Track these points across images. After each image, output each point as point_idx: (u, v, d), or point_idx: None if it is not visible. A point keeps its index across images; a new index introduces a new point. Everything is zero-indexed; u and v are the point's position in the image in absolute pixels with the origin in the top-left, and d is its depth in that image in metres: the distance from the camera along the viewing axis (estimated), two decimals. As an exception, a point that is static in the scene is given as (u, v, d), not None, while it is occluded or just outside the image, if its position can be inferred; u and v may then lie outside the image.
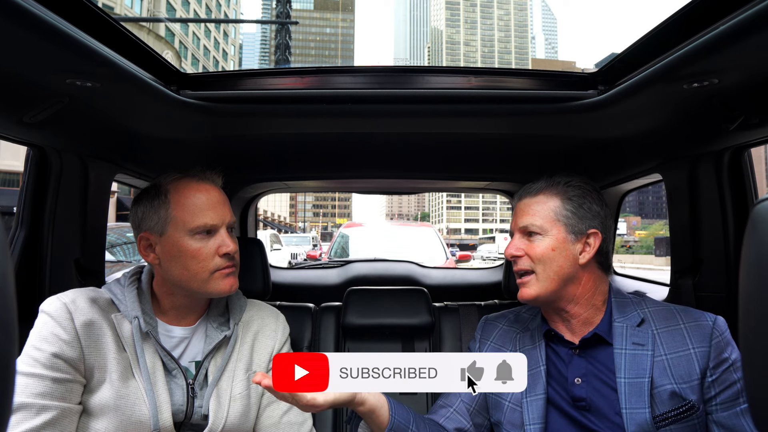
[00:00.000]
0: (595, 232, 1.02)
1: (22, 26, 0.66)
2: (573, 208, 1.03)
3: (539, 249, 1.02)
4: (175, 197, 1.03)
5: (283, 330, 1.20)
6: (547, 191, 1.06)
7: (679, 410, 0.92)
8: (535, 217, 1.04)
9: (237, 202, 2.16)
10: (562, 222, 1.02)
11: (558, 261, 1.01)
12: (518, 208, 1.09)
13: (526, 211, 1.06)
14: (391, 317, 1.59)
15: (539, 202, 1.05)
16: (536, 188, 1.07)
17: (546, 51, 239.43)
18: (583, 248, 1.02)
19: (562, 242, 1.01)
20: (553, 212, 1.03)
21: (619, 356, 0.98)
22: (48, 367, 0.90)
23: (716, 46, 0.72)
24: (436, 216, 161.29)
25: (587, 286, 1.03)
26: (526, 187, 1.10)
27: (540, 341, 1.08)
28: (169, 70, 1.01)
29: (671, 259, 1.43)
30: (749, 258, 0.46)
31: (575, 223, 1.02)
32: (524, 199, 1.08)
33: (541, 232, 1.03)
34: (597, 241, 1.02)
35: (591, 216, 1.03)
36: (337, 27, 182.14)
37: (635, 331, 1.00)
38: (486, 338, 1.20)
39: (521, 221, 1.06)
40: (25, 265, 1.26)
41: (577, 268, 1.02)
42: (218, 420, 1.02)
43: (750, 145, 1.18)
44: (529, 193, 1.08)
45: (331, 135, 1.30)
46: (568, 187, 1.05)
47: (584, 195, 1.04)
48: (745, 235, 0.47)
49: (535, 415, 1.02)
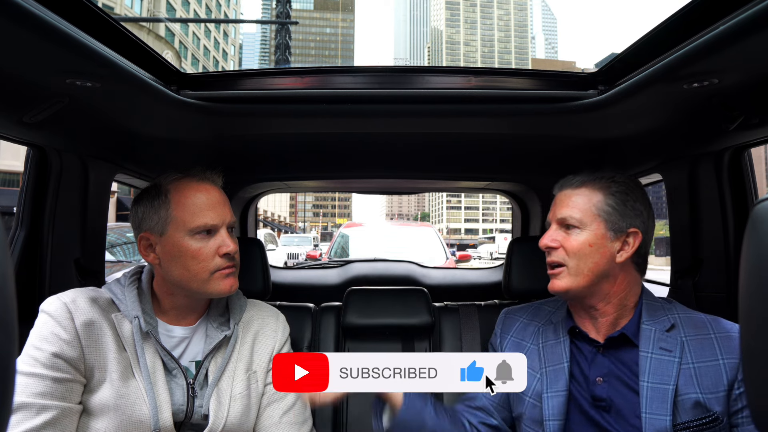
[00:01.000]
0: (635, 231, 0.99)
1: (22, 26, 0.66)
2: (615, 204, 0.99)
3: (576, 243, 0.98)
4: (175, 197, 1.03)
5: (283, 330, 1.20)
6: (590, 184, 1.02)
7: (702, 421, 0.91)
8: (574, 210, 1.00)
9: (237, 202, 2.16)
10: (603, 217, 0.99)
11: (594, 257, 0.98)
12: (558, 198, 1.06)
13: (566, 203, 1.02)
14: (391, 317, 1.59)
15: (581, 195, 1.01)
16: (579, 180, 1.04)
17: (546, 51, 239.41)
18: (622, 247, 0.99)
19: (600, 238, 0.98)
20: (594, 206, 1.00)
21: (644, 359, 0.96)
22: (48, 366, 0.90)
23: (716, 46, 0.72)
24: (436, 216, 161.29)
25: (621, 285, 1.00)
26: (568, 178, 1.07)
27: (564, 336, 1.06)
28: (169, 70, 1.01)
29: (671, 259, 1.43)
30: (749, 258, 0.46)
31: (616, 220, 0.99)
32: (565, 190, 1.05)
33: (580, 225, 0.99)
34: (637, 241, 0.99)
35: (633, 214, 0.99)
36: (337, 27, 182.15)
37: (663, 336, 0.97)
38: (506, 332, 1.18)
39: (560, 212, 1.02)
40: (25, 265, 1.26)
41: (613, 265, 0.98)
42: (218, 420, 1.02)
43: (750, 145, 1.18)
44: (571, 185, 1.04)
45: (332, 135, 1.30)
46: (612, 182, 1.01)
47: (628, 192, 1.01)
48: (745, 235, 0.47)
49: (555, 411, 1.00)
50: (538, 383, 1.05)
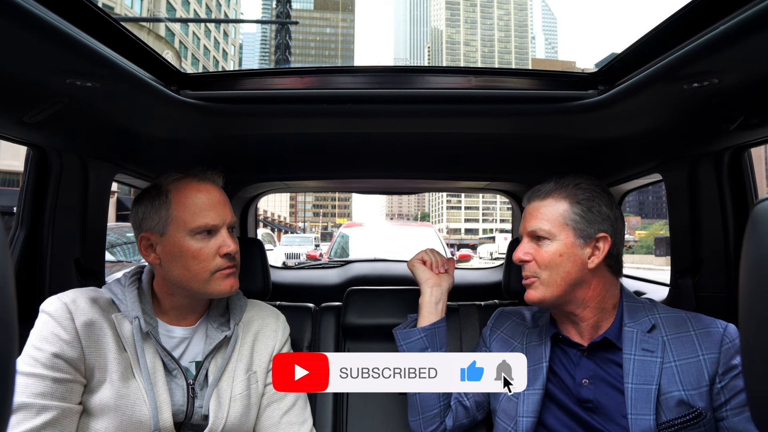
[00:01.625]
0: (604, 236, 1.01)
1: (22, 26, 0.66)
2: (582, 211, 1.01)
3: (546, 254, 1.00)
4: (175, 197, 1.03)
5: (283, 330, 1.20)
6: (556, 194, 1.04)
7: (686, 418, 0.92)
8: (543, 221, 1.02)
9: (237, 202, 2.16)
10: (571, 226, 1.01)
11: (565, 266, 1.00)
12: (527, 211, 1.08)
13: (534, 215, 1.04)
14: (391, 317, 1.59)
15: (547, 206, 1.04)
16: (545, 191, 1.06)
17: (546, 51, 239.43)
18: (592, 252, 1.01)
19: (570, 247, 1.00)
20: (561, 216, 1.01)
21: (628, 361, 0.97)
22: (48, 367, 0.90)
23: (716, 46, 0.72)
24: (436, 216, 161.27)
25: (597, 290, 1.02)
26: (535, 189, 1.09)
27: (546, 339, 1.09)
28: (169, 70, 1.01)
29: (671, 259, 1.43)
30: (749, 258, 0.46)
31: (584, 228, 1.01)
32: (533, 203, 1.07)
33: (549, 236, 1.01)
34: (606, 245, 1.01)
35: (600, 219, 1.01)
36: (337, 27, 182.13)
37: (645, 337, 0.98)
38: (497, 327, 1.22)
39: (529, 225, 1.05)
40: (25, 265, 1.26)
41: (585, 272, 1.00)
42: (218, 420, 1.02)
43: (750, 145, 1.18)
44: (538, 196, 1.06)
45: (332, 135, 1.30)
46: (577, 189, 1.03)
47: (593, 198, 1.03)
48: (745, 235, 0.47)
49: (530, 409, 1.03)
50: None
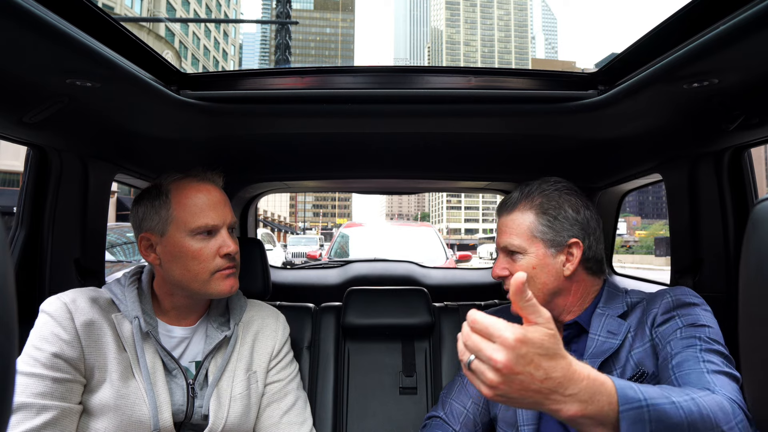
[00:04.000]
0: (575, 242, 1.00)
1: (22, 26, 0.66)
2: (548, 221, 1.00)
3: (521, 269, 0.99)
4: (176, 197, 1.03)
5: (283, 330, 1.20)
6: (521, 206, 1.03)
7: (633, 380, 0.93)
8: (512, 237, 1.02)
9: (237, 202, 2.16)
10: (539, 238, 1.00)
11: (540, 278, 0.99)
12: (498, 226, 1.08)
13: (504, 230, 1.04)
14: (391, 317, 1.59)
15: (515, 219, 1.03)
16: (511, 204, 1.05)
17: (546, 51, 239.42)
18: (566, 260, 1.00)
19: (542, 258, 0.99)
20: (528, 229, 1.01)
21: (591, 341, 0.98)
22: (48, 367, 0.90)
23: (716, 46, 0.72)
24: (436, 216, 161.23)
25: (577, 294, 1.02)
26: (503, 201, 1.09)
27: None
28: (169, 70, 1.01)
29: (671, 259, 1.43)
30: (749, 258, 0.46)
31: (553, 237, 1.00)
32: (501, 217, 1.07)
33: (521, 251, 1.00)
34: (579, 251, 1.00)
35: (569, 225, 1.00)
36: (337, 27, 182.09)
37: (614, 321, 0.98)
38: None
39: (501, 241, 1.05)
40: (25, 265, 1.26)
41: (562, 281, 1.00)
42: (218, 420, 1.02)
43: (750, 145, 1.18)
44: (505, 209, 1.06)
45: (332, 135, 1.30)
46: (542, 197, 1.02)
47: (560, 205, 1.02)
48: (745, 235, 0.47)
49: (529, 416, 1.02)
50: None
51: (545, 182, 1.05)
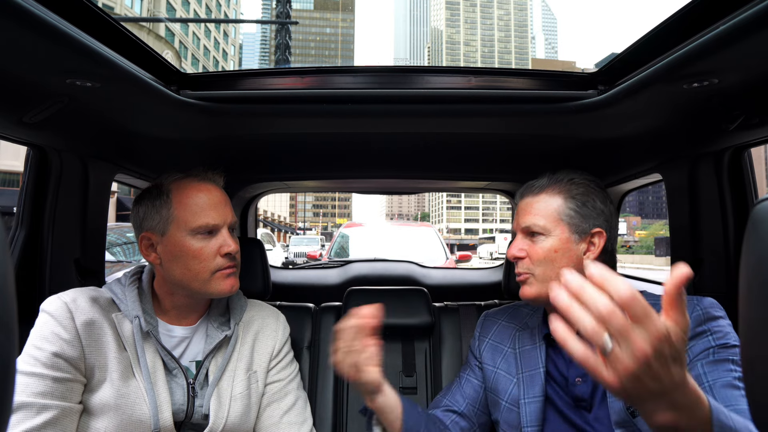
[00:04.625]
0: (599, 231, 0.99)
1: (22, 26, 0.66)
2: (576, 206, 0.99)
3: (541, 250, 0.98)
4: (176, 197, 1.03)
5: (283, 330, 1.20)
6: (550, 189, 1.02)
7: None
8: (537, 217, 1.00)
9: (237, 202, 2.16)
10: (566, 222, 0.99)
11: (561, 262, 0.97)
12: (520, 207, 1.06)
13: (528, 211, 1.02)
14: (391, 317, 1.59)
15: (541, 201, 1.01)
16: (538, 186, 1.04)
17: (546, 51, 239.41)
18: (588, 248, 0.99)
19: (565, 242, 0.98)
20: (556, 212, 0.99)
21: None
22: (49, 366, 0.90)
23: (716, 46, 0.72)
24: (436, 216, 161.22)
25: None
26: (528, 184, 1.06)
27: (540, 343, 1.06)
28: (169, 70, 1.01)
29: (671, 259, 1.43)
30: (749, 258, 0.46)
31: (579, 223, 0.99)
32: (526, 198, 1.05)
33: (544, 232, 0.99)
34: (602, 241, 0.99)
35: (595, 214, 1.00)
36: (337, 27, 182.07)
37: None
38: (484, 335, 1.18)
39: (523, 221, 1.02)
40: (25, 265, 1.26)
41: (581, 268, 0.98)
42: (219, 420, 1.02)
43: (750, 145, 1.18)
44: (531, 192, 1.04)
45: (332, 135, 1.30)
46: (571, 184, 1.02)
47: (588, 193, 1.01)
48: (745, 235, 0.47)
49: (533, 418, 1.00)
50: (515, 388, 1.05)
51: (574, 173, 1.04)
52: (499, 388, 1.08)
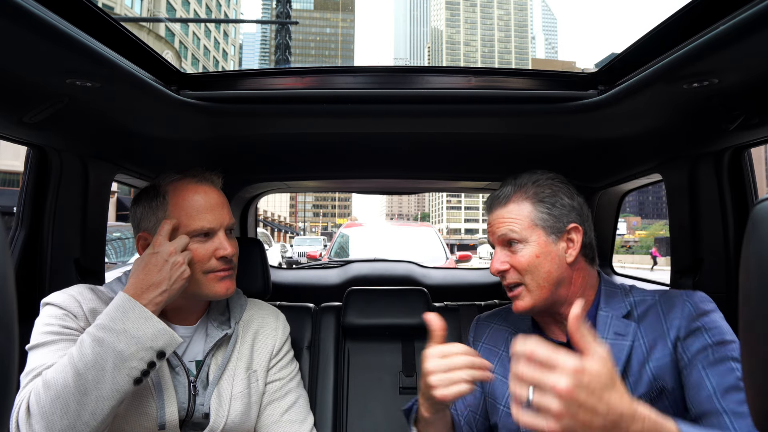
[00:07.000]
0: (575, 227, 0.99)
1: (22, 26, 0.66)
2: (547, 209, 0.99)
3: (524, 259, 0.97)
4: (173, 199, 1.02)
5: (283, 329, 1.20)
6: (516, 197, 1.02)
7: (652, 395, 0.91)
8: (512, 225, 0.99)
9: (237, 202, 2.16)
10: (540, 225, 0.99)
11: (545, 266, 0.97)
12: (490, 221, 1.05)
13: (500, 222, 1.02)
14: (391, 317, 1.59)
15: (512, 211, 1.01)
16: (504, 196, 1.03)
17: (546, 51, 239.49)
18: (567, 246, 0.99)
19: (544, 246, 0.98)
20: (528, 218, 0.99)
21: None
22: (59, 333, 0.92)
23: (716, 46, 0.72)
24: (436, 216, 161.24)
25: (578, 283, 1.01)
26: (493, 196, 1.05)
27: None
28: (169, 70, 1.01)
29: (671, 259, 1.43)
30: (749, 258, 0.46)
31: (553, 224, 0.99)
32: (495, 211, 1.04)
33: (522, 240, 0.98)
34: (579, 235, 0.99)
35: (567, 211, 1.00)
36: (337, 27, 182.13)
37: (619, 322, 0.97)
38: (478, 340, 1.18)
39: (498, 231, 1.01)
40: (25, 265, 1.26)
41: (565, 268, 0.98)
42: (219, 418, 1.02)
43: (750, 145, 1.18)
44: (499, 203, 1.03)
45: (332, 135, 1.30)
46: (536, 187, 1.01)
47: (555, 192, 1.01)
48: (745, 235, 0.47)
49: None
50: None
51: (534, 174, 1.04)
52: (497, 392, 1.08)
